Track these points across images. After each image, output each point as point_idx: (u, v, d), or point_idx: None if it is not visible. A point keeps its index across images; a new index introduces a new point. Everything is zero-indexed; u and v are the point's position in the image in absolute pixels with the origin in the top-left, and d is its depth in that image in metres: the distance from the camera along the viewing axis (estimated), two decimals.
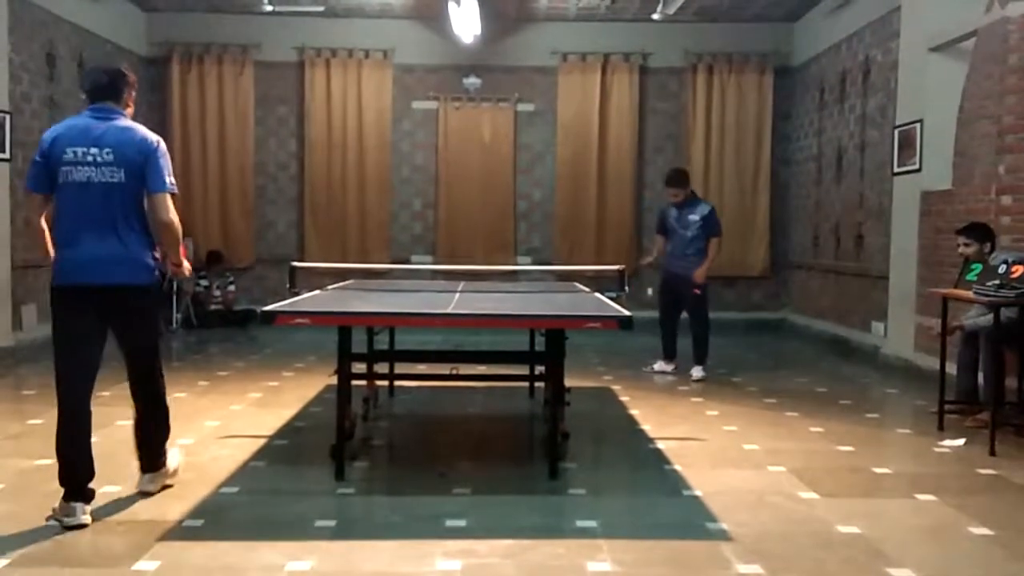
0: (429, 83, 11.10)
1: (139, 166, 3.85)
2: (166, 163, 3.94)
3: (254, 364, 7.97)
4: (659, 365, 7.80)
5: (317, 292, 5.58)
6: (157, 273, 3.97)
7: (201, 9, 10.72)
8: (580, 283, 6.88)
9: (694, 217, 7.71)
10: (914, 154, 7.87)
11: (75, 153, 3.83)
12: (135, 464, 4.20)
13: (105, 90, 3.97)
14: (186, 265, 4.21)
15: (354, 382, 4.70)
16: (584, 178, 11.06)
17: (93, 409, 3.90)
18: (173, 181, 3.99)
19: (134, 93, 4.08)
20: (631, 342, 8.47)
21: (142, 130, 3.95)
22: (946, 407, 5.76)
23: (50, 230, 4.04)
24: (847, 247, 9.53)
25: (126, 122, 3.96)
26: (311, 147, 10.98)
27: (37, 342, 8.35)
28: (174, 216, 3.97)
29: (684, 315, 7.90)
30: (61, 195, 3.89)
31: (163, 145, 3.97)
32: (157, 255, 3.98)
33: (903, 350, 7.94)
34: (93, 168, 3.82)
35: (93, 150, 3.82)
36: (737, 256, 11.10)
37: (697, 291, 7.69)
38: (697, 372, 7.57)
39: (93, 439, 3.90)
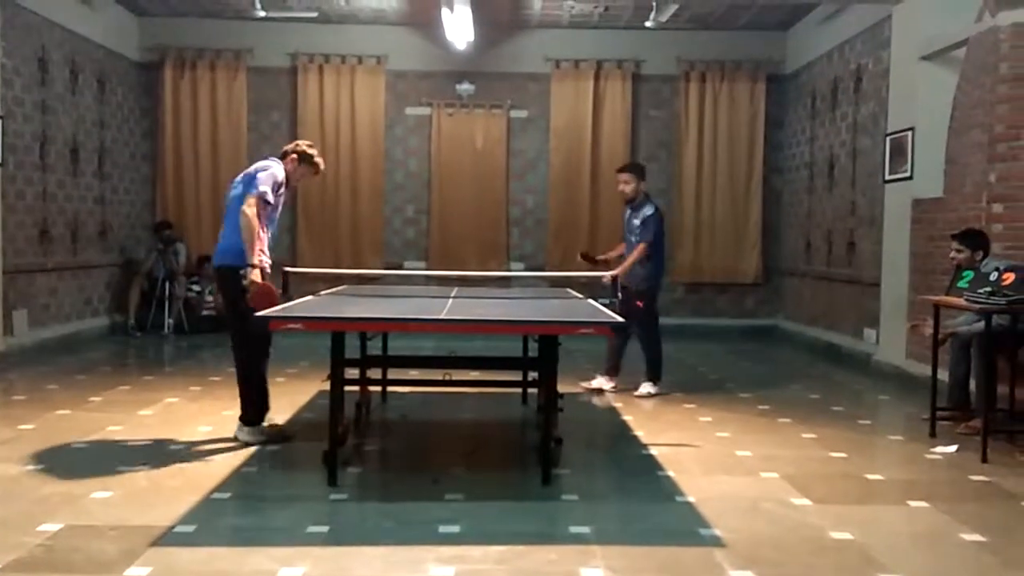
0: (422, 89, 11.11)
1: (249, 182, 5.13)
2: (263, 178, 5.10)
3: None
4: (597, 382, 7.09)
5: (310, 297, 5.58)
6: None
7: (194, 14, 10.72)
8: (573, 289, 6.89)
9: (636, 221, 6.98)
10: (906, 162, 7.90)
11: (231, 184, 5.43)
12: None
13: (280, 152, 5.46)
14: (255, 274, 4.94)
15: (347, 388, 4.69)
16: (577, 184, 11.08)
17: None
18: (264, 191, 5.06)
19: (295, 158, 5.39)
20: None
21: (265, 163, 5.28)
22: (938, 414, 5.76)
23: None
24: (839, 254, 9.56)
25: (265, 162, 5.30)
26: None
27: (28, 347, 8.33)
28: (248, 211, 4.98)
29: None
30: None
31: (271, 169, 5.18)
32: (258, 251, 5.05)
33: (895, 357, 7.96)
34: (232, 188, 5.30)
35: (236, 178, 5.33)
36: (730, 263, 11.15)
37: (639, 303, 6.77)
38: (644, 388, 6.94)
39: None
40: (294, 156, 5.39)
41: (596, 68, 11.03)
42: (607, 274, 6.89)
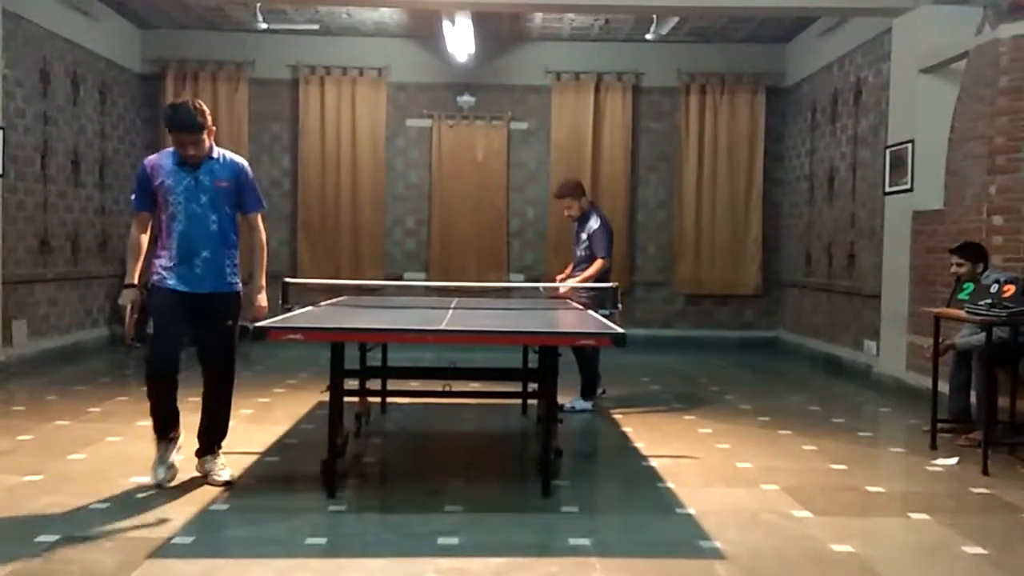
0: (423, 101, 11.13)
1: None
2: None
3: (245, 380, 7.89)
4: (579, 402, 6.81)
5: (310, 308, 5.57)
6: (152, 280, 4.43)
7: (196, 26, 10.75)
8: (573, 301, 6.88)
9: (584, 235, 6.83)
10: (906, 174, 7.91)
11: None
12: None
13: None
14: (124, 295, 4.45)
15: (346, 399, 4.68)
16: None
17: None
18: (131, 197, 4.53)
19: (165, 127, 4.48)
20: (624, 360, 8.45)
21: None
22: (939, 426, 5.75)
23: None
24: (839, 266, 9.56)
25: None
26: (305, 164, 10.99)
27: (27, 358, 8.32)
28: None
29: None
30: None
31: (141, 165, 4.50)
32: (157, 264, 4.45)
33: (895, 369, 7.95)
34: None
35: None
36: (730, 275, 11.15)
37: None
38: (578, 403, 6.72)
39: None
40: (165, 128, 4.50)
41: (596, 80, 11.05)
42: (561, 285, 6.87)
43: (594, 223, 6.87)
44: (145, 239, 4.48)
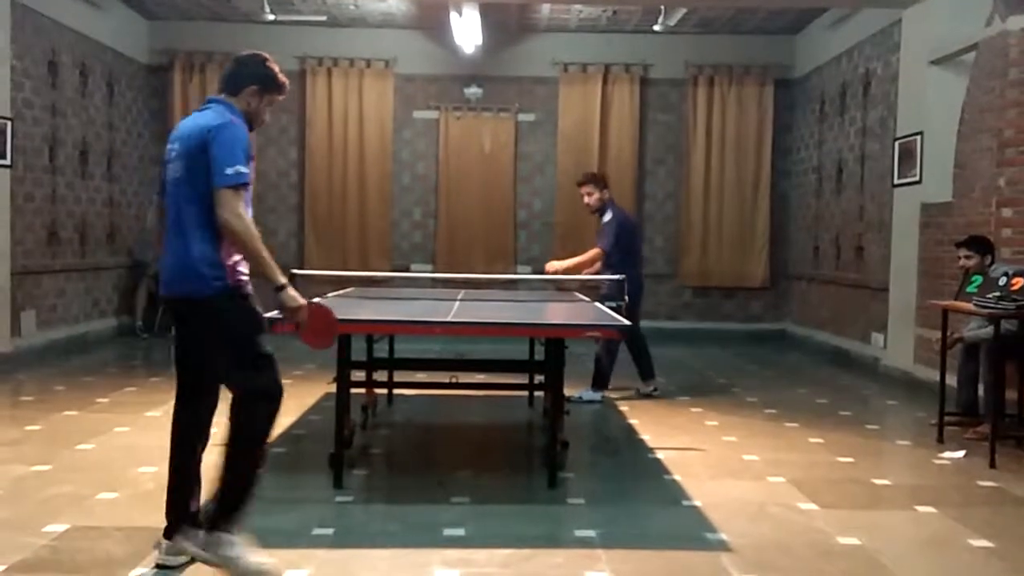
0: (430, 92, 11.12)
1: (199, 157, 3.24)
2: (229, 148, 3.23)
3: None
4: (642, 387, 7.09)
5: (317, 300, 5.57)
6: (222, 283, 3.29)
7: (203, 18, 10.75)
8: (580, 293, 6.88)
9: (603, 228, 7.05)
10: (914, 166, 7.88)
11: (166, 151, 3.44)
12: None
13: (224, 80, 3.50)
14: (290, 295, 3.42)
15: (353, 390, 4.69)
16: None
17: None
18: (240, 170, 3.21)
19: (256, 89, 3.47)
20: None
21: (214, 114, 3.35)
22: (946, 419, 5.74)
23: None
24: (847, 258, 9.54)
25: (212, 109, 3.39)
26: (312, 156, 11.00)
27: (36, 348, 8.35)
28: (230, 215, 3.19)
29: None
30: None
31: (232, 127, 3.28)
32: (230, 261, 3.31)
33: (903, 362, 7.93)
34: (169, 165, 3.38)
35: (170, 146, 3.40)
36: (737, 267, 11.14)
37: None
38: (586, 394, 6.80)
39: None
40: (253, 87, 3.48)
41: (604, 72, 11.02)
42: (551, 266, 7.06)
43: (607, 215, 7.02)
44: None
